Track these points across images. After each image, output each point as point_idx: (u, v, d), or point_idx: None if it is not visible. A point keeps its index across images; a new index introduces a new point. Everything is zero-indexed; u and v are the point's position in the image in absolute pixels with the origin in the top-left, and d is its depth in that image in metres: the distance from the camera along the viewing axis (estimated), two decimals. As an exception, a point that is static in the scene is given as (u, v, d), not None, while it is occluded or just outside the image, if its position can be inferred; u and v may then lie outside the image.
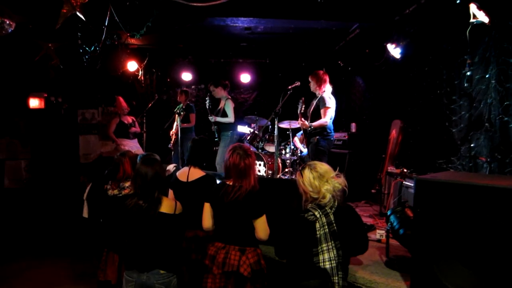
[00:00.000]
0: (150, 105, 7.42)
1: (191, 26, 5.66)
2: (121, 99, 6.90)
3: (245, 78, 8.52)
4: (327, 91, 5.03)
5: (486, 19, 3.41)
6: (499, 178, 2.75)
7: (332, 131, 5.04)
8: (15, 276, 4.62)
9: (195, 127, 7.11)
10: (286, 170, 6.70)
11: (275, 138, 4.94)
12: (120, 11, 4.20)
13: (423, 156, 4.98)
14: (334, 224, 2.41)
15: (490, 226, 2.19)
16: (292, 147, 6.36)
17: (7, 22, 4.48)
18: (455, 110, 4.38)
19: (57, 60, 6.31)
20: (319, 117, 4.91)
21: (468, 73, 3.76)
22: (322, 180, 2.47)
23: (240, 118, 8.24)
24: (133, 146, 6.83)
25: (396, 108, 5.93)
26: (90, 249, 4.64)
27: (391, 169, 5.16)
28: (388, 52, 5.16)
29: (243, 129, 7.33)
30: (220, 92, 6.01)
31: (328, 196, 2.44)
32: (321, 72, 5.11)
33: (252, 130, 7.03)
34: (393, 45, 4.92)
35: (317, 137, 4.93)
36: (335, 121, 5.10)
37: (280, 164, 6.64)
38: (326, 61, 8.01)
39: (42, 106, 7.37)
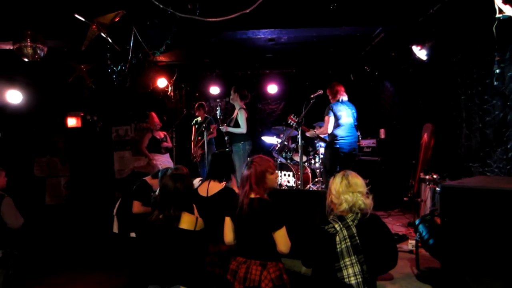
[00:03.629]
0: (179, 120, 7.56)
1: (215, 40, 5.73)
2: (154, 114, 7.07)
3: (272, 88, 8.50)
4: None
5: (513, 13, 3.23)
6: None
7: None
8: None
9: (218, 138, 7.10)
10: (316, 179, 6.61)
11: (299, 148, 4.89)
12: (142, 30, 4.34)
13: (457, 160, 4.74)
14: (357, 237, 2.32)
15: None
16: (321, 155, 6.26)
17: (40, 47, 4.75)
18: (488, 110, 4.15)
19: (90, 80, 6.59)
20: None
21: (498, 71, 3.56)
22: (348, 189, 2.41)
23: (268, 128, 8.26)
24: (164, 161, 6.96)
25: (426, 111, 5.71)
26: (124, 264, 4.73)
27: (423, 175, 4.95)
28: (414, 54, 5.00)
29: (270, 140, 7.32)
30: (236, 99, 5.99)
31: (345, 205, 2.36)
32: None
33: (280, 141, 6.99)
34: (419, 47, 4.77)
35: None
36: (363, 127, 5.01)
37: (309, 174, 6.56)
38: (352, 67, 7.88)
39: (79, 124, 7.68)
